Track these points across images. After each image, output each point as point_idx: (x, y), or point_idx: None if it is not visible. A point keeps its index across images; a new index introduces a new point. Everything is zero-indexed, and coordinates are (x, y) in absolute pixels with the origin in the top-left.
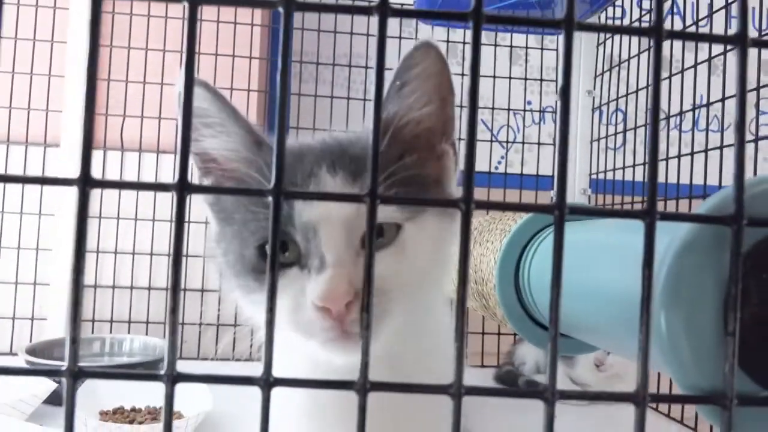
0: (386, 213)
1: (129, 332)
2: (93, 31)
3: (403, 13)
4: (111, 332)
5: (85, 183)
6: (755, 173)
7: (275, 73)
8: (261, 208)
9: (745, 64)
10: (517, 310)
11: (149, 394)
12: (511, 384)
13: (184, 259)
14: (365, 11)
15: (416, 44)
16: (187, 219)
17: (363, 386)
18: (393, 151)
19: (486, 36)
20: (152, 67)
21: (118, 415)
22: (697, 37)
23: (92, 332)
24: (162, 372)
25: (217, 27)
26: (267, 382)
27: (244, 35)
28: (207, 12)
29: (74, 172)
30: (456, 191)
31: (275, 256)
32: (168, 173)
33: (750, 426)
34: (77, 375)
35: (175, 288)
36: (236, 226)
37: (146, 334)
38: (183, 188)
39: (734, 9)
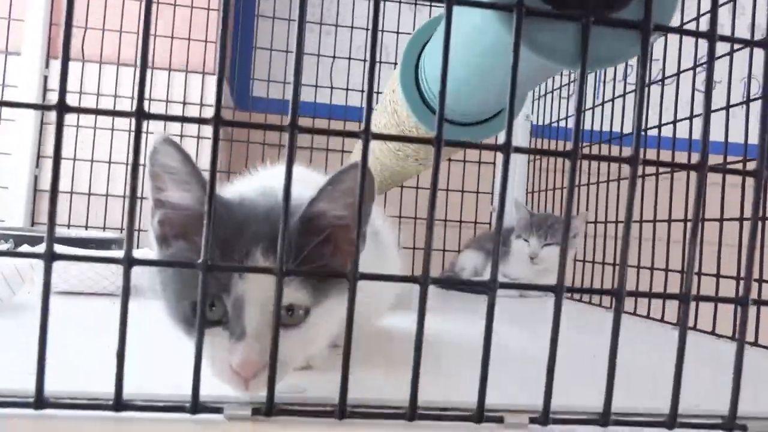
0: (297, 297)
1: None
2: None
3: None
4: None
5: (62, 108)
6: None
7: (238, 24)
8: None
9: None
10: (420, 106)
11: None
12: (451, 287)
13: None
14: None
15: (345, 167)
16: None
17: None
18: (313, 238)
19: None
20: None
21: None
22: None
23: None
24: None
25: None
26: (205, 264)
27: None
28: None
29: (35, 80)
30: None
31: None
32: (128, 87)
33: (536, 32)
34: (53, 258)
35: (135, 174)
36: (178, 274)
37: None
38: (140, 115)
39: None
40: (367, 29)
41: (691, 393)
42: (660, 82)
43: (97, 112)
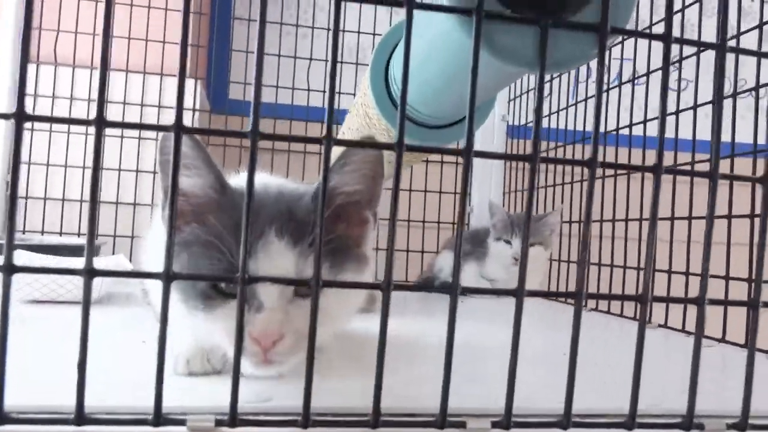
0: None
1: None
2: None
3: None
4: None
5: (20, 117)
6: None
7: (214, 27)
8: (218, 251)
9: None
10: (390, 109)
11: None
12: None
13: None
14: None
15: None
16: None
17: None
18: (329, 215)
19: None
20: None
21: None
22: None
23: None
24: (81, 268)
25: None
26: (167, 276)
27: None
28: None
29: (6, 85)
30: (370, 250)
31: None
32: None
33: (496, 36)
34: (12, 270)
35: (95, 181)
36: (192, 255)
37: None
38: (100, 123)
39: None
40: (343, 31)
41: (657, 390)
42: (630, 83)
43: (55, 120)
